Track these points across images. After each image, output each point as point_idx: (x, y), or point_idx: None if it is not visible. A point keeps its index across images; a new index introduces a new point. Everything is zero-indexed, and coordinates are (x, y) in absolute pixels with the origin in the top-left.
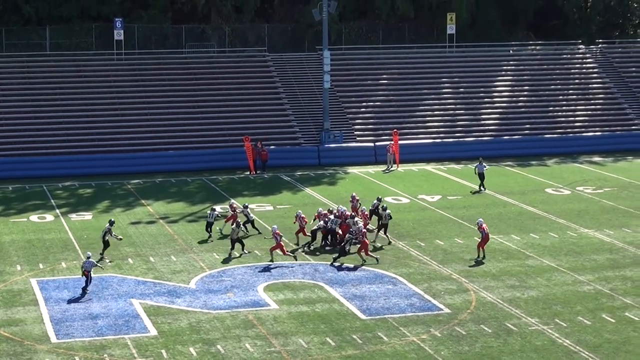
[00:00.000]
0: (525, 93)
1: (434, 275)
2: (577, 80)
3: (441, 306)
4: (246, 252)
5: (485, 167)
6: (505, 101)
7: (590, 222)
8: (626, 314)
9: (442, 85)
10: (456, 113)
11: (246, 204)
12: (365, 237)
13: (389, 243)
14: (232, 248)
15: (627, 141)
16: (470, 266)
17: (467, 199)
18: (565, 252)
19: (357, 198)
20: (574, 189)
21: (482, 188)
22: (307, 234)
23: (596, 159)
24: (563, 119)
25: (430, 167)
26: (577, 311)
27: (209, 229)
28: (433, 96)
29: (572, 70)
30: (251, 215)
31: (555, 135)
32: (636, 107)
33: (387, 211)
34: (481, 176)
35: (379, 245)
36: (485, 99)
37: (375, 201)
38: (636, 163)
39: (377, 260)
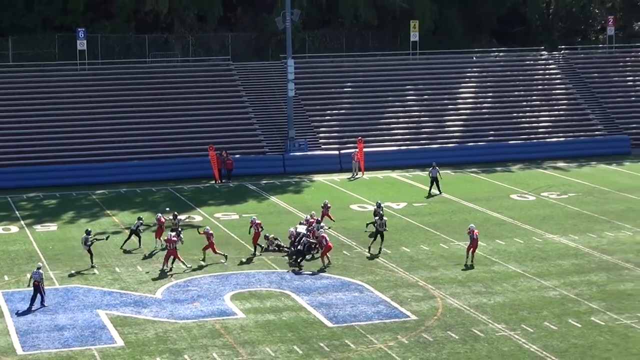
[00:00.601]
0: (489, 99)
1: (400, 283)
2: (540, 87)
3: (408, 313)
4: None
5: (438, 171)
6: (470, 108)
7: (555, 228)
8: (592, 318)
9: (406, 93)
10: (421, 120)
11: (175, 213)
12: (329, 242)
13: (372, 250)
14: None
15: (590, 146)
16: (462, 269)
17: (433, 205)
18: (530, 258)
19: (329, 206)
20: (539, 194)
21: (438, 191)
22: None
23: (560, 164)
24: (527, 125)
25: (395, 175)
26: (544, 316)
27: (138, 240)
28: (397, 103)
29: (535, 77)
30: (179, 229)
31: (519, 142)
32: (599, 113)
33: (383, 219)
34: (434, 180)
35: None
36: (450, 106)
37: (375, 207)
38: (600, 168)
39: (326, 266)
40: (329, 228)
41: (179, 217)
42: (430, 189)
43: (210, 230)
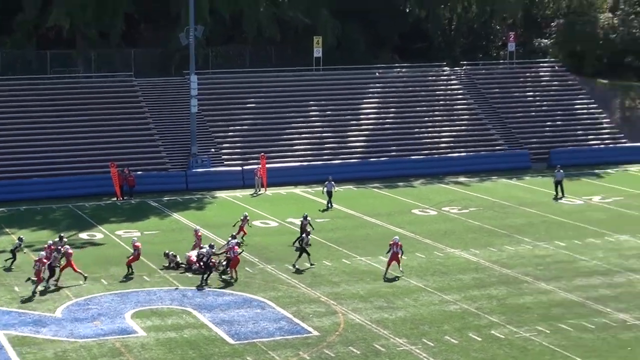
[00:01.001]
0: (392, 115)
1: (302, 298)
2: (442, 102)
3: (310, 329)
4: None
5: (334, 185)
6: (372, 123)
7: (457, 242)
8: (492, 332)
9: (309, 108)
10: (323, 135)
11: (21, 237)
12: (237, 255)
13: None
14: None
15: (491, 161)
16: (389, 282)
17: (335, 221)
18: (432, 272)
19: (248, 218)
20: (440, 209)
21: (329, 205)
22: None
23: (462, 179)
24: (429, 140)
25: (298, 190)
26: (444, 330)
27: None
28: (300, 119)
29: (437, 92)
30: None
31: (421, 157)
32: (500, 128)
33: (308, 237)
34: (329, 194)
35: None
36: (352, 121)
37: (302, 219)
38: (501, 183)
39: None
40: (243, 243)
41: (64, 238)
42: (328, 203)
43: (70, 249)
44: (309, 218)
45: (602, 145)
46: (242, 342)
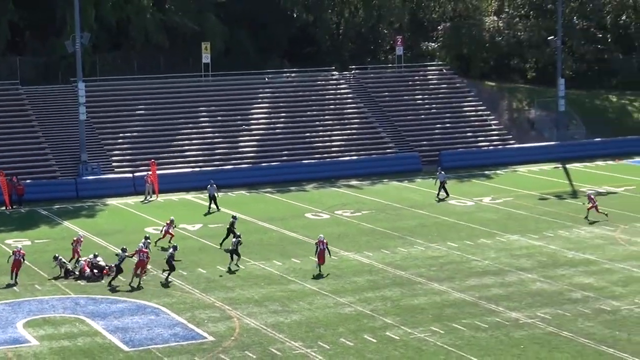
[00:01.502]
0: (282, 119)
1: (197, 304)
2: (332, 106)
3: (205, 334)
4: None
5: (215, 189)
6: (263, 128)
7: (350, 245)
8: (387, 333)
9: (199, 114)
10: (214, 141)
11: None
12: (143, 256)
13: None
14: None
15: (382, 164)
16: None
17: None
18: (326, 275)
19: (174, 222)
20: (333, 212)
21: (210, 209)
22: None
23: (354, 182)
24: (320, 144)
25: (190, 196)
26: (340, 333)
27: None
28: (190, 125)
29: (327, 96)
30: None
31: (313, 161)
32: (390, 131)
33: (237, 239)
34: (213, 198)
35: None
36: (243, 126)
37: (231, 219)
38: (392, 185)
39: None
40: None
41: None
42: (210, 206)
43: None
44: (237, 219)
45: (491, 147)
46: (137, 349)
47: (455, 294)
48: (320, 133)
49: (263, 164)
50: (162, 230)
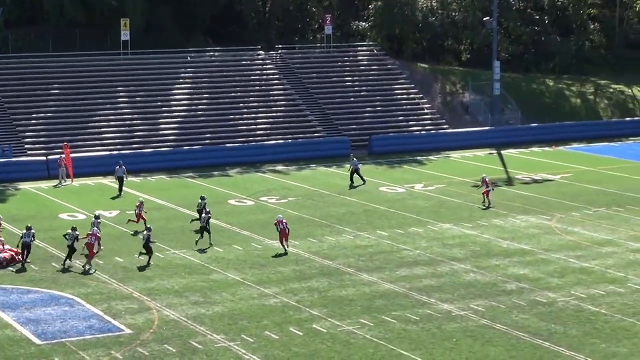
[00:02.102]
0: (205, 101)
1: (114, 295)
2: (257, 87)
3: (122, 327)
4: None
5: (124, 170)
6: (184, 110)
7: (275, 233)
8: (313, 325)
9: (117, 94)
10: (133, 123)
11: None
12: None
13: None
14: None
15: (310, 149)
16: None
17: (148, 213)
18: (250, 265)
19: (143, 204)
20: (258, 199)
21: (119, 192)
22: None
23: (279, 167)
24: (245, 127)
25: (107, 181)
26: (264, 325)
27: None
28: (108, 105)
29: (253, 77)
30: None
31: (236, 144)
32: (318, 114)
33: (208, 214)
34: (120, 180)
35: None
36: (163, 108)
37: (199, 200)
38: (320, 171)
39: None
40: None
41: None
42: (120, 189)
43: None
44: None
45: (424, 132)
46: (50, 342)
47: (385, 285)
48: (245, 115)
49: (184, 147)
50: (135, 214)
